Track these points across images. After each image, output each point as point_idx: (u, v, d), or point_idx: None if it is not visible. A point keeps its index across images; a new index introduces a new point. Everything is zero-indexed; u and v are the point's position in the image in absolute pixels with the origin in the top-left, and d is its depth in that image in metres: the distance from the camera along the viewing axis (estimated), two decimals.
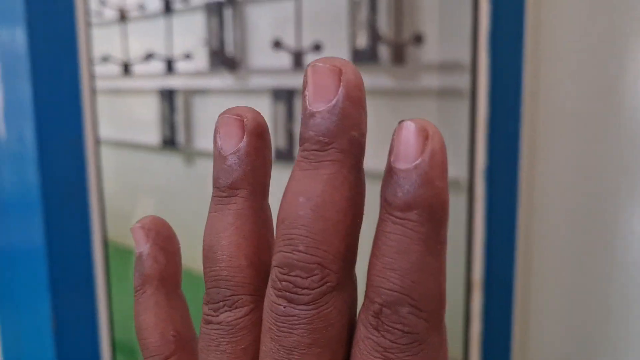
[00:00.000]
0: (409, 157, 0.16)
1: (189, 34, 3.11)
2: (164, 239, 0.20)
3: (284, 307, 0.17)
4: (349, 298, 0.17)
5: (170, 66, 2.96)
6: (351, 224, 0.17)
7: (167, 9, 2.97)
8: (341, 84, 0.16)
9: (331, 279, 0.16)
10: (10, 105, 0.57)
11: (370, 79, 2.65)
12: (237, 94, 3.29)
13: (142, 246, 0.20)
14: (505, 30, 1.00)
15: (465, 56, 2.32)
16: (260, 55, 3.15)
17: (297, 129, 3.02)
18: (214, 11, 2.97)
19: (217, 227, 0.18)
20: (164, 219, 0.21)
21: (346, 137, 0.16)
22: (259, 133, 0.18)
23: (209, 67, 3.10)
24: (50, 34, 0.53)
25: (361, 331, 0.17)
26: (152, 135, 3.13)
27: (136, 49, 2.82)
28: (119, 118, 2.99)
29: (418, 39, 2.07)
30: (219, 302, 0.18)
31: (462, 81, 2.33)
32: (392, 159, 0.16)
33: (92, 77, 0.55)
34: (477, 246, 0.96)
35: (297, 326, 0.16)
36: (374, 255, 0.16)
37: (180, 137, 3.54)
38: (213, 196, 0.19)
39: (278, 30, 2.87)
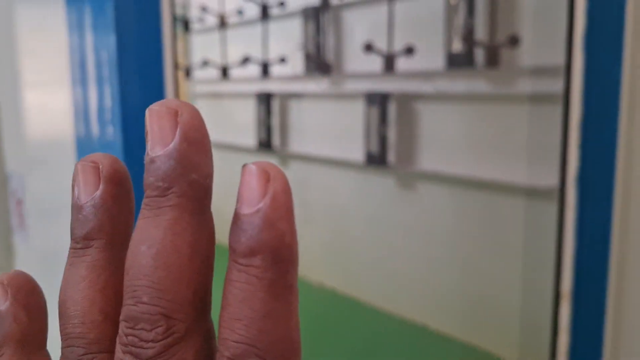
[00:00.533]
0: (252, 201, 0.15)
1: (285, 38, 3.16)
2: (25, 294, 0.18)
3: None
4: (200, 347, 0.16)
5: (266, 70, 3.02)
6: (198, 269, 0.16)
7: (265, 14, 3.04)
8: (178, 126, 0.15)
9: (178, 329, 0.16)
10: (102, 108, 0.61)
11: (465, 83, 2.59)
12: (332, 98, 3.32)
13: (1, 304, 0.18)
14: (603, 30, 0.95)
15: (560, 59, 2.22)
16: (355, 59, 3.16)
17: (390, 132, 2.99)
18: (311, 16, 3.01)
19: (70, 281, 0.18)
20: (27, 273, 0.19)
21: (186, 180, 0.16)
22: (116, 180, 0.18)
23: (305, 71, 3.14)
24: (137, 42, 0.55)
25: None
26: (249, 137, 3.21)
27: (235, 54, 2.90)
28: (218, 120, 3.09)
29: (514, 41, 2.01)
30: None
31: (557, 84, 2.23)
32: (237, 205, 0.16)
33: (176, 81, 0.57)
34: (567, 256, 0.92)
35: None
36: (222, 305, 0.16)
37: (276, 139, 3.61)
38: (70, 249, 0.18)
39: (373, 34, 2.86)
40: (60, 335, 0.18)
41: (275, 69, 3.25)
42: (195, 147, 0.16)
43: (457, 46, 2.43)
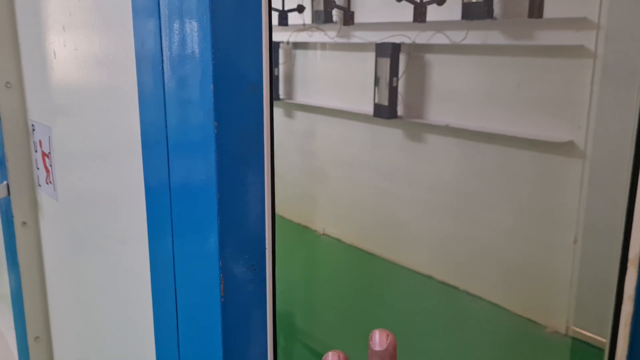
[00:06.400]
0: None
1: None
2: None
3: None
4: None
5: (283, 17, 2.88)
6: None
7: None
8: (388, 339, 0.37)
9: None
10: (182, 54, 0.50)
11: (482, 34, 2.45)
12: (342, 47, 3.17)
13: None
14: None
15: (582, 12, 2.09)
16: (365, 10, 3.01)
17: (400, 84, 2.86)
18: None
19: None
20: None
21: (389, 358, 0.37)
22: None
23: (315, 20, 2.99)
24: None
25: None
26: None
27: None
28: None
29: None
30: None
31: (587, 39, 2.11)
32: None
33: (270, 29, 0.47)
34: (637, 221, 0.84)
35: None
36: None
37: (281, 91, 3.45)
38: None
39: None
40: None
41: (289, 18, 3.09)
42: (394, 348, 0.37)
43: None
